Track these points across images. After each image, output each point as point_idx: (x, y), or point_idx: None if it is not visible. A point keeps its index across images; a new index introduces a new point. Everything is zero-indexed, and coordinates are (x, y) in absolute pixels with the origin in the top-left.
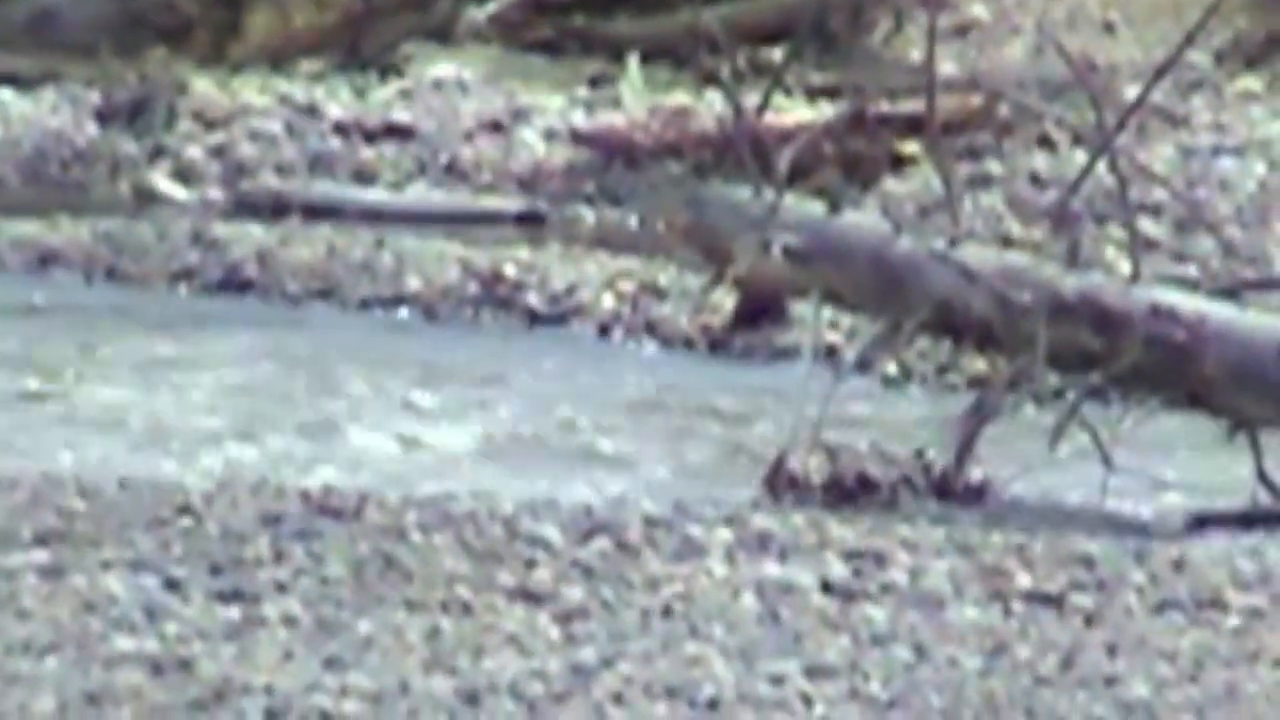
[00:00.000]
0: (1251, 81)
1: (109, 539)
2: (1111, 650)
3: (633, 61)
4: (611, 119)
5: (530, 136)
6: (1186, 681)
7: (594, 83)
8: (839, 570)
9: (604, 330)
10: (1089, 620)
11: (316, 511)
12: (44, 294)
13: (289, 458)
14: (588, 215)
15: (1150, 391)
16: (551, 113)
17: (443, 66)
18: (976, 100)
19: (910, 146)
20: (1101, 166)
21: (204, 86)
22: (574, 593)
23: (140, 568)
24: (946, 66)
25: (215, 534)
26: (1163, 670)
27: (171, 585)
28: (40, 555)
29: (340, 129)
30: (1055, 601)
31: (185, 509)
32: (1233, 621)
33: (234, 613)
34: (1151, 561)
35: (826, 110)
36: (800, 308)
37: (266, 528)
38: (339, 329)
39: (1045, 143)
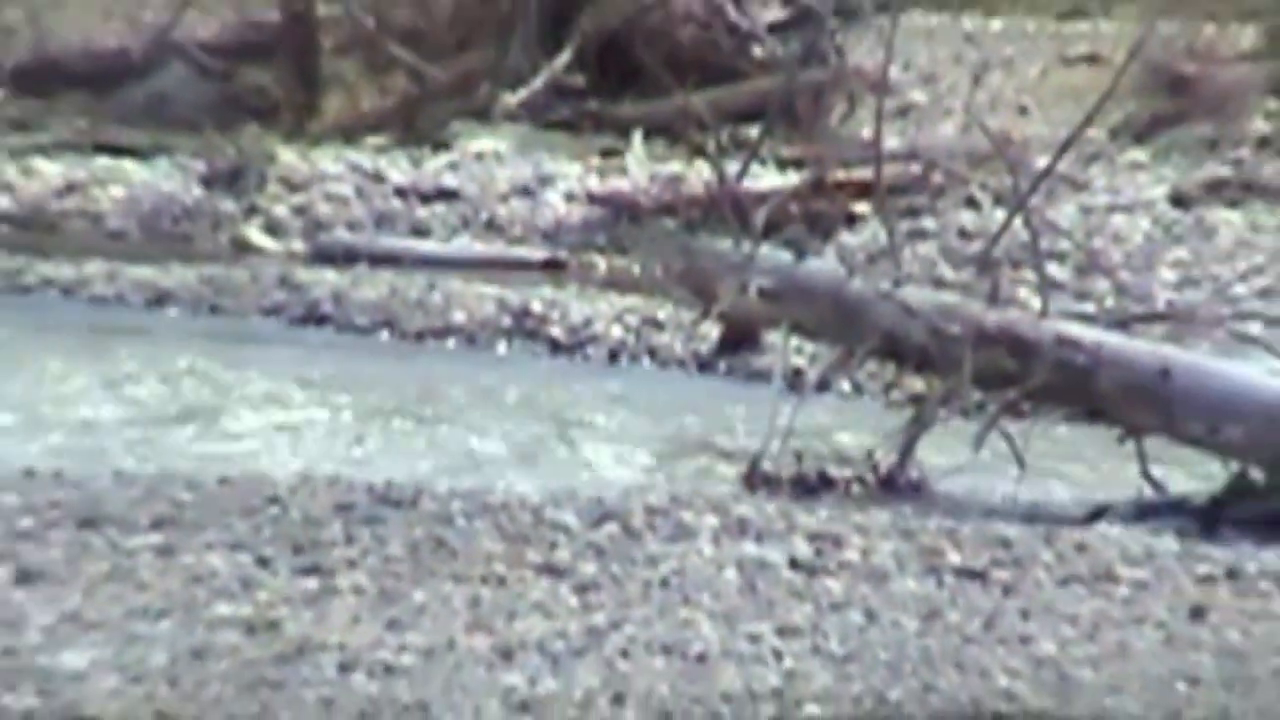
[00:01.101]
0: (1139, 153)
1: (211, 524)
2: (1025, 615)
3: (636, 137)
4: (619, 184)
5: (553, 198)
6: (1085, 640)
7: (605, 154)
8: (804, 550)
9: (613, 355)
10: (1006, 590)
11: (380, 501)
12: (159, 324)
13: (356, 458)
14: (600, 262)
15: (1056, 406)
16: (570, 178)
17: (482, 141)
18: (915, 169)
19: (861, 206)
20: (1017, 222)
21: (288, 157)
22: (588, 568)
23: (236, 547)
24: (891, 141)
25: (297, 520)
26: (1066, 631)
27: (262, 561)
28: (155, 537)
29: (399, 192)
30: (979, 575)
31: (273, 499)
32: (1123, 591)
33: (312, 584)
34: (1058, 543)
35: (793, 177)
36: (772, 337)
37: (339, 515)
38: (400, 355)
39: (971, 203)
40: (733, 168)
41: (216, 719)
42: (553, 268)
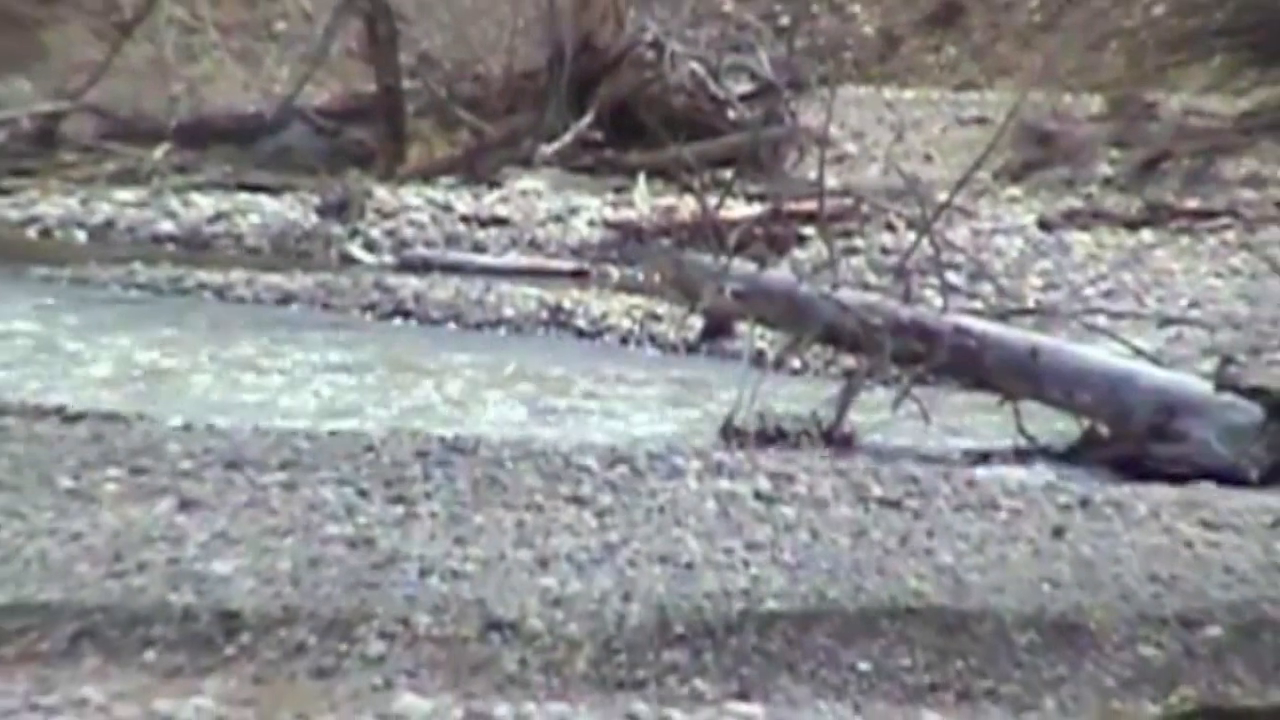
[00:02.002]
0: (1015, 190)
1: (323, 466)
2: (929, 534)
3: (641, 178)
4: (628, 213)
5: (579, 223)
6: (974, 553)
7: (617, 191)
8: (765, 485)
9: (623, 340)
10: (916, 515)
11: (449, 449)
12: (285, 318)
13: (434, 416)
14: (613, 271)
15: (953, 378)
16: (591, 209)
17: (525, 181)
18: (848, 202)
19: (808, 230)
20: (924, 241)
21: (381, 193)
22: (605, 498)
23: (342, 483)
24: (830, 181)
25: (387, 462)
26: (960, 546)
27: (361, 493)
28: (281, 475)
29: (464, 219)
30: (895, 504)
31: (369, 447)
32: (1002, 516)
33: (399, 510)
34: (953, 480)
35: (757, 208)
36: (741, 327)
37: (418, 459)
38: (464, 341)
39: (889, 227)
40: (712, 200)
41: (328, 612)
42: (578, 276)
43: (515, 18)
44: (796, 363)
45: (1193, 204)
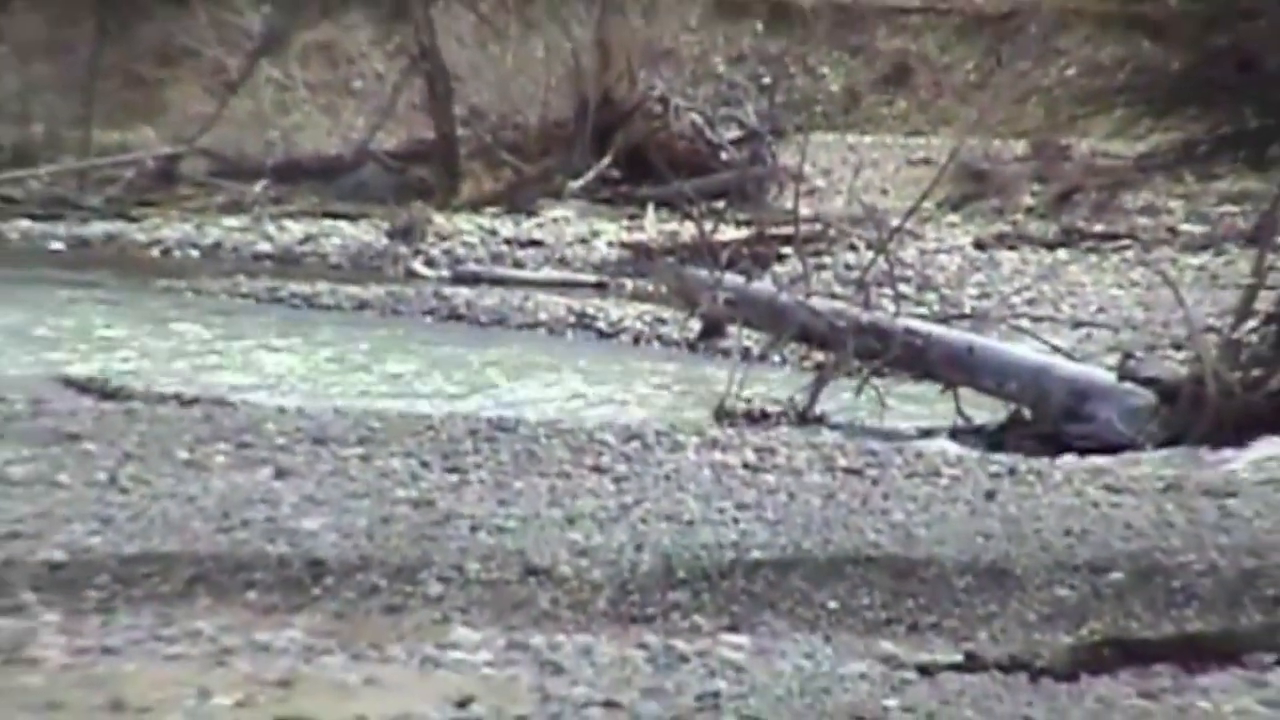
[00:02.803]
0: (954, 217)
1: (393, 441)
2: (885, 496)
3: (650, 208)
4: (639, 236)
5: (600, 244)
6: (921, 512)
7: (630, 218)
8: (751, 456)
9: (636, 339)
10: (874, 481)
11: (495, 428)
12: (361, 320)
13: (483, 399)
14: (628, 283)
15: (904, 370)
16: (610, 233)
17: (556, 211)
18: (818, 227)
19: (786, 249)
20: (881, 259)
21: (439, 220)
22: (621, 467)
23: (408, 455)
24: (804, 209)
25: (445, 439)
26: (909, 506)
27: (423, 464)
28: (359, 449)
29: (507, 241)
30: (857, 472)
31: (430, 426)
32: (944, 482)
33: (454, 478)
34: (905, 453)
35: (744, 231)
36: (732, 328)
37: (470, 435)
38: (506, 340)
39: (852, 247)
40: (708, 225)
41: (396, 560)
42: (599, 287)
43: (548, 77)
44: (777, 357)
45: (1099, 228)
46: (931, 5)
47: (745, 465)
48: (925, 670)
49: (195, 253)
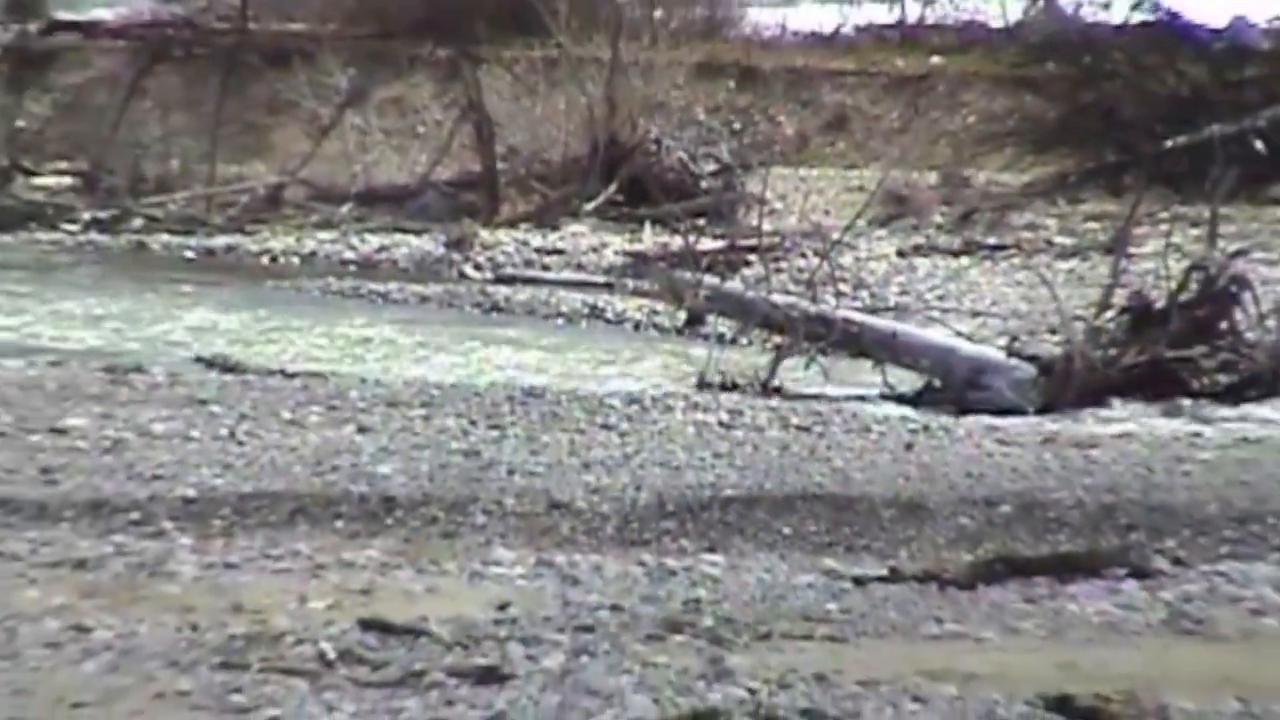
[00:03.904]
0: (882, 232)
1: (448, 404)
2: (828, 448)
3: (647, 224)
4: (639, 246)
5: (608, 253)
6: (856, 459)
7: (632, 232)
8: (725, 416)
9: (636, 326)
10: (819, 436)
11: (527, 395)
12: (423, 312)
13: (511, 373)
14: (630, 283)
15: (843, 350)
16: (616, 244)
17: (574, 227)
18: (777, 239)
19: (751, 257)
20: (825, 264)
21: (484, 234)
22: (624, 424)
23: (459, 415)
24: (765, 226)
25: (488, 403)
26: (847, 455)
27: (471, 422)
28: (421, 411)
29: (536, 250)
30: (806, 429)
31: (476, 393)
32: (873, 436)
33: (495, 433)
34: (843, 414)
35: (720, 243)
36: (710, 318)
37: (507, 401)
38: (536, 327)
39: (803, 255)
40: (692, 238)
41: (450, 497)
42: (608, 286)
43: (568, 124)
44: (745, 340)
45: (992, 241)
46: (864, 69)
47: (720, 424)
48: (858, 581)
49: (295, 260)
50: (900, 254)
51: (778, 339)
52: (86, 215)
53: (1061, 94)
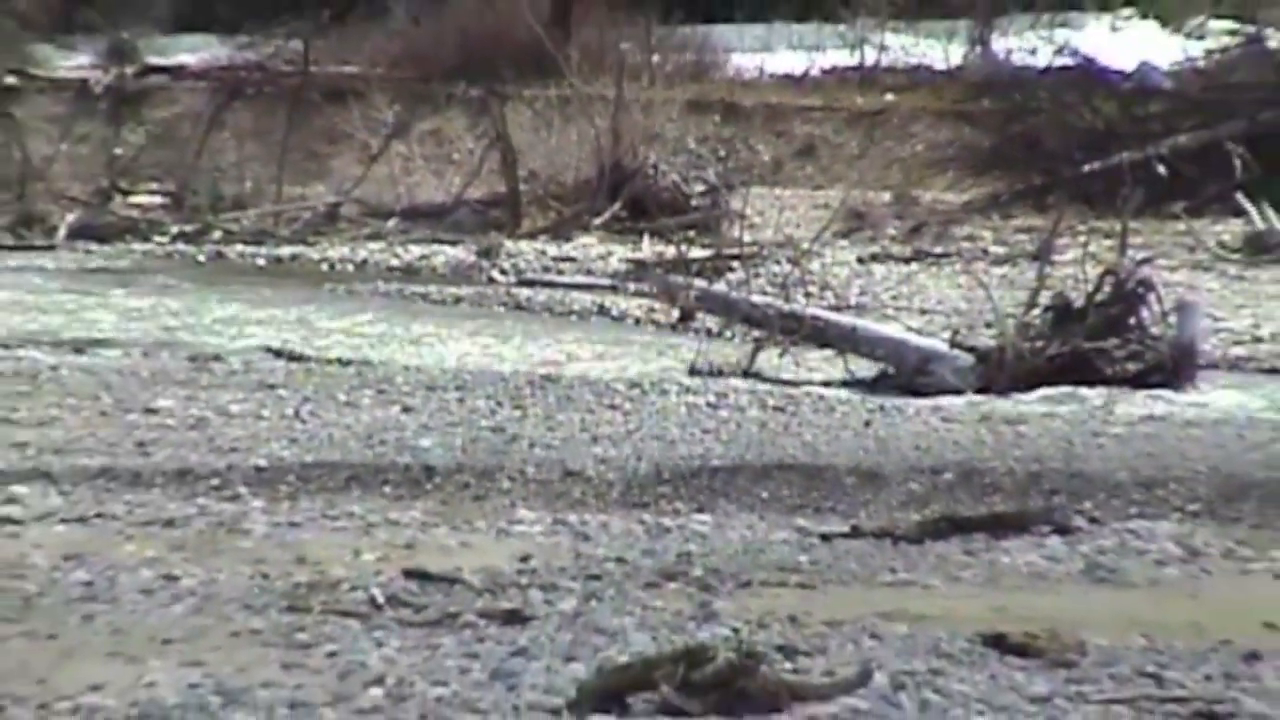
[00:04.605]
0: (844, 243)
1: (478, 388)
2: (799, 425)
3: (646, 236)
4: (639, 255)
5: (613, 260)
6: (823, 435)
7: (633, 243)
8: (711, 398)
9: (636, 322)
10: (792, 414)
11: (545, 380)
12: (458, 310)
13: (531, 362)
14: (631, 285)
15: (811, 343)
16: (619, 253)
17: (585, 239)
18: (755, 249)
19: (735, 263)
20: (796, 270)
21: (509, 244)
22: (626, 405)
23: (488, 397)
24: (746, 237)
25: (512, 387)
26: (815, 431)
27: (498, 403)
28: (456, 393)
29: (553, 258)
30: (781, 409)
31: (503, 378)
32: (838, 415)
33: (518, 413)
34: (812, 396)
35: (707, 251)
36: (699, 315)
37: (528, 385)
38: (553, 322)
39: (778, 263)
40: (684, 247)
41: (480, 466)
42: (613, 288)
43: (579, 151)
44: (729, 334)
45: (938, 250)
46: (828, 105)
47: (708, 404)
48: (825, 537)
49: (350, 266)
50: (860, 261)
51: (756, 333)
52: (174, 229)
53: (995, 126)
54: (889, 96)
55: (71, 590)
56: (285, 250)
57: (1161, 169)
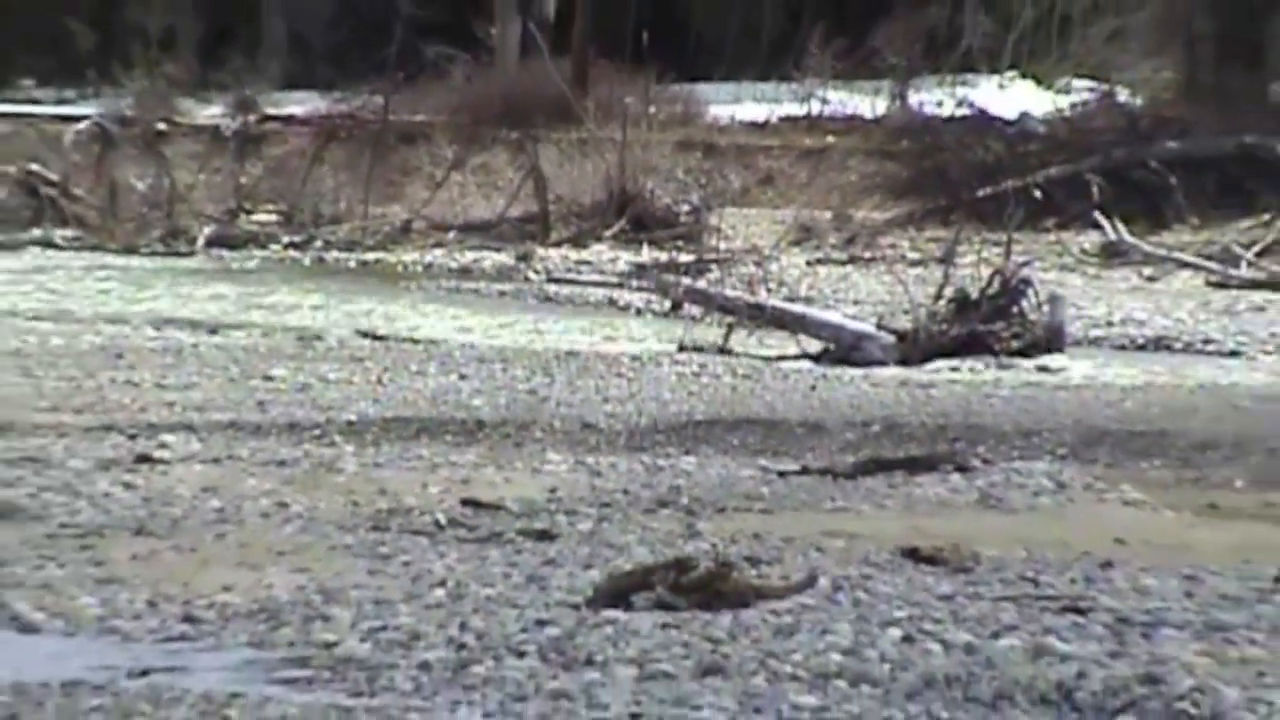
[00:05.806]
0: (797, 249)
1: (517, 361)
2: (763, 389)
3: (645, 245)
4: (640, 258)
5: (620, 263)
6: (779, 397)
7: (636, 250)
8: (695, 369)
9: (638, 311)
10: (756, 380)
11: (566, 355)
12: (501, 301)
13: (557, 341)
14: (634, 282)
15: (772, 326)
16: (625, 257)
17: (598, 247)
18: (730, 255)
19: (713, 266)
20: (760, 270)
21: (540, 250)
22: (630, 374)
23: (524, 367)
24: (722, 245)
25: (541, 360)
26: (774, 394)
27: (532, 373)
28: (499, 366)
29: (574, 262)
30: (749, 377)
31: (535, 353)
32: (790, 381)
33: (547, 379)
34: (772, 367)
35: (692, 257)
36: (687, 306)
37: (555, 358)
38: (574, 311)
39: (745, 265)
40: (675, 253)
41: (518, 421)
42: (620, 285)
43: (594, 179)
44: (708, 320)
45: (868, 255)
46: (784, 144)
47: (692, 373)
48: (781, 474)
49: (419, 268)
50: (808, 264)
51: (729, 319)
52: (285, 239)
53: (911, 161)
54: (830, 138)
55: (208, 514)
56: (370, 256)
57: (1038, 193)
